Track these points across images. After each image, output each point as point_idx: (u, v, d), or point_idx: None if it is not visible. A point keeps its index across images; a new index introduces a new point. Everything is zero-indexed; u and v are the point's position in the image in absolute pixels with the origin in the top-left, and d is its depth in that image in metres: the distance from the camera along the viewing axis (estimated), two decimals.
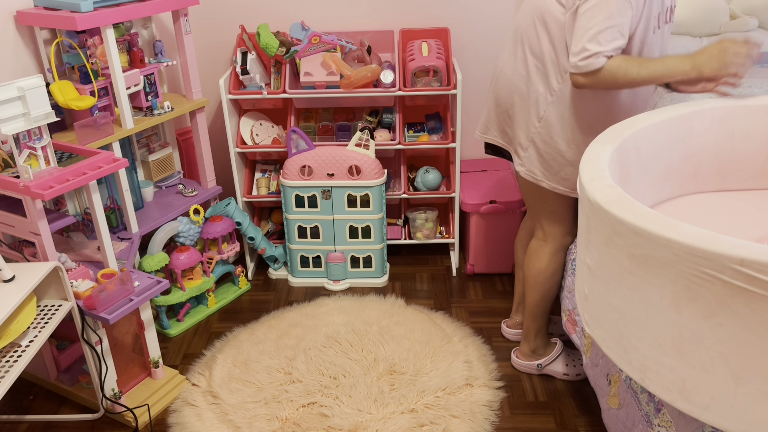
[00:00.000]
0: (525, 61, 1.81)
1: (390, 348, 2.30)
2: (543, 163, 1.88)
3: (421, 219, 2.85)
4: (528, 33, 1.79)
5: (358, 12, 2.80)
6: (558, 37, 1.72)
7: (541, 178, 1.90)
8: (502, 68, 1.91)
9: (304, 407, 2.06)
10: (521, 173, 1.93)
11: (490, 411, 2.05)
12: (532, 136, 1.86)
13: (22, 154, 1.80)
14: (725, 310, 1.03)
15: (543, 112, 1.81)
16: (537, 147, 1.86)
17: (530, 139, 1.86)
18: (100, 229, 2.02)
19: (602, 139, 1.48)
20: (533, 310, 2.11)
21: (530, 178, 1.92)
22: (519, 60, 1.83)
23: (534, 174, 1.90)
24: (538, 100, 1.81)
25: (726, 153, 1.69)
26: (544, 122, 1.82)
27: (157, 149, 2.67)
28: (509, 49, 1.88)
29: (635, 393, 1.53)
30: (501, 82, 1.91)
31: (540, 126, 1.83)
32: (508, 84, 1.88)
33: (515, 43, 1.85)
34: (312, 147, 2.61)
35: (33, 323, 1.78)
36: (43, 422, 2.08)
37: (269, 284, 2.84)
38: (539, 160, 1.88)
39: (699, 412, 1.13)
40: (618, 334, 1.26)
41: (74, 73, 2.30)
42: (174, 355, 2.40)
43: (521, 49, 1.82)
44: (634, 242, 1.13)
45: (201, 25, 2.81)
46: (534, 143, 1.86)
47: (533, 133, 1.85)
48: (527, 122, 1.85)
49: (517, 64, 1.84)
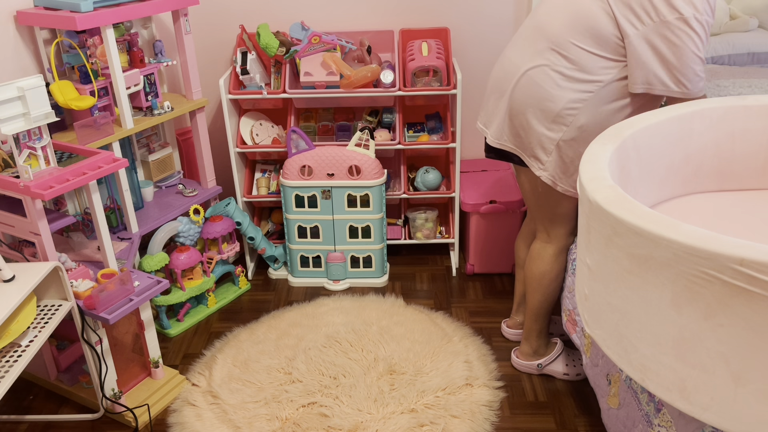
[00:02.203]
0: (556, 67, 1.75)
1: (390, 348, 2.30)
2: (563, 168, 1.84)
3: (421, 219, 2.85)
4: (562, 38, 1.74)
5: (358, 12, 2.79)
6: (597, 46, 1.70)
7: (559, 182, 1.87)
8: (525, 72, 1.81)
9: (304, 407, 2.06)
10: (543, 177, 1.88)
11: (490, 411, 2.05)
12: (559, 141, 1.81)
13: (22, 154, 1.80)
14: (725, 310, 1.03)
15: (573, 118, 1.77)
16: (561, 151, 1.82)
17: (556, 144, 1.81)
18: (100, 229, 2.02)
19: (602, 139, 1.48)
20: (536, 311, 2.11)
21: (551, 182, 1.88)
22: (549, 66, 1.76)
23: (554, 179, 1.87)
24: (569, 104, 1.75)
25: (726, 153, 1.69)
26: (574, 127, 1.77)
27: (157, 149, 2.67)
28: (532, 53, 1.80)
29: (635, 393, 1.53)
30: (523, 88, 1.82)
31: (569, 131, 1.78)
32: (532, 89, 1.80)
33: (541, 46, 1.78)
34: (312, 147, 2.61)
35: (33, 323, 1.78)
36: (43, 422, 2.08)
37: (269, 284, 2.84)
38: (560, 165, 1.84)
39: (699, 412, 1.13)
40: (618, 334, 1.26)
41: (74, 73, 2.30)
42: (174, 355, 2.40)
43: (555, 55, 1.75)
44: (634, 242, 1.13)
45: (201, 25, 2.81)
46: (559, 148, 1.82)
47: (560, 138, 1.80)
48: (553, 128, 1.80)
49: (545, 70, 1.77)
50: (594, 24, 1.69)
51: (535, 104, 1.80)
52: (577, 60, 1.73)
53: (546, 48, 1.77)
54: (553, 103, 1.77)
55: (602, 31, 1.69)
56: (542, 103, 1.79)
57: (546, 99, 1.78)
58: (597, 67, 1.72)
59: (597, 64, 1.72)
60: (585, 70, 1.73)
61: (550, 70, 1.76)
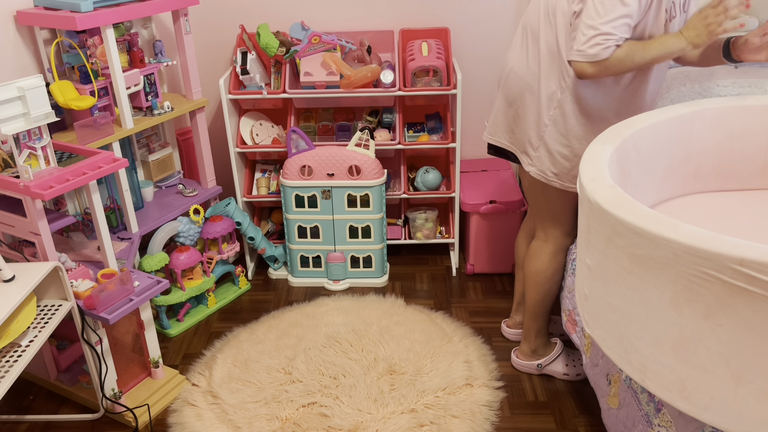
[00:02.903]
0: (537, 58, 1.79)
1: (390, 348, 2.30)
2: (554, 163, 1.86)
3: (421, 219, 2.85)
4: (537, 28, 1.78)
5: (358, 12, 2.80)
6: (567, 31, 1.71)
7: (552, 178, 1.88)
8: (512, 66, 1.89)
9: (304, 407, 2.06)
10: (531, 173, 1.91)
11: (490, 411, 2.05)
12: (543, 134, 1.84)
13: (22, 154, 1.80)
14: (725, 310, 1.03)
15: (555, 110, 1.79)
16: (548, 146, 1.84)
17: (541, 137, 1.84)
18: (100, 229, 2.02)
19: (602, 139, 1.48)
20: (534, 310, 2.12)
21: (541, 178, 1.89)
22: (531, 57, 1.82)
23: (545, 174, 1.88)
24: (550, 97, 1.79)
25: (726, 153, 1.69)
26: (556, 120, 1.80)
27: (157, 149, 2.67)
28: (518, 47, 1.87)
29: (635, 393, 1.53)
30: (511, 81, 1.89)
31: (551, 124, 1.81)
32: (518, 82, 1.86)
33: (524, 40, 1.84)
34: (312, 147, 2.61)
35: (33, 323, 1.78)
36: (43, 422, 2.08)
37: (269, 284, 2.84)
38: (550, 160, 1.86)
39: (699, 412, 1.13)
40: (618, 334, 1.26)
41: (74, 73, 2.30)
42: (174, 355, 2.40)
43: (533, 46, 1.81)
44: (634, 242, 1.13)
45: (201, 25, 2.81)
46: (545, 142, 1.84)
47: (544, 131, 1.83)
48: (538, 120, 1.83)
49: (529, 61, 1.82)
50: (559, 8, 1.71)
51: (523, 97, 1.86)
52: (552, 48, 1.75)
53: (530, 42, 1.82)
54: (536, 94, 1.82)
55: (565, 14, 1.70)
56: (527, 95, 1.84)
57: (530, 91, 1.83)
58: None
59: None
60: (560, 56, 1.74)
61: (533, 62, 1.81)
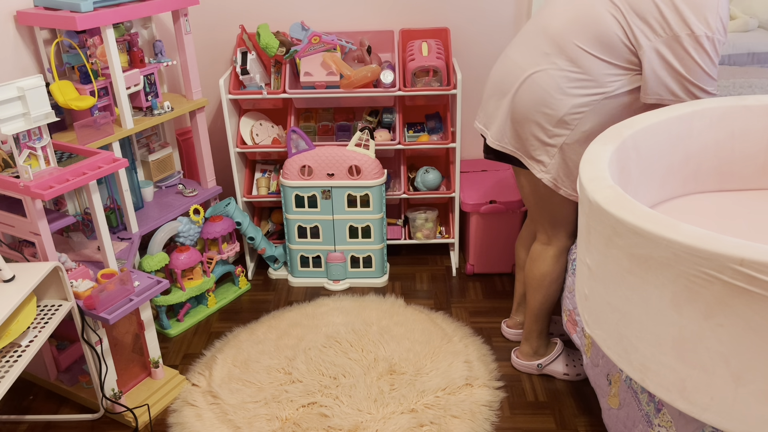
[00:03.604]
0: (563, 71, 1.72)
1: (390, 348, 2.30)
2: (566, 171, 1.83)
3: (421, 219, 2.85)
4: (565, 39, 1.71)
5: (358, 12, 2.79)
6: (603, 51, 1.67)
7: (561, 185, 1.86)
8: (529, 76, 1.78)
9: (304, 407, 2.06)
10: (544, 180, 1.86)
11: (490, 411, 2.05)
12: (563, 144, 1.79)
13: (22, 154, 1.80)
14: (725, 310, 1.03)
15: (578, 121, 1.75)
16: (565, 154, 1.81)
17: (560, 146, 1.80)
18: (100, 229, 2.02)
19: (602, 139, 1.48)
20: (536, 312, 2.11)
21: (553, 185, 1.87)
22: (556, 69, 1.73)
23: (556, 181, 1.86)
24: (574, 109, 1.74)
25: (726, 153, 1.69)
26: (579, 131, 1.76)
27: (157, 149, 2.67)
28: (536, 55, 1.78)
29: (635, 393, 1.53)
30: (526, 91, 1.79)
31: (572, 134, 1.77)
32: (536, 93, 1.77)
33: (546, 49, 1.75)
34: (312, 147, 2.61)
35: (33, 323, 1.78)
36: (43, 422, 2.08)
37: (269, 284, 2.84)
38: (563, 168, 1.83)
39: (699, 412, 1.13)
40: (618, 335, 1.26)
41: (74, 73, 2.30)
42: (174, 355, 2.40)
43: (562, 59, 1.72)
44: (634, 242, 1.13)
45: (201, 25, 2.81)
46: (563, 151, 1.80)
47: (564, 141, 1.79)
48: (557, 132, 1.78)
49: (553, 73, 1.74)
50: (600, 28, 1.66)
51: (540, 108, 1.78)
52: (582, 63, 1.70)
53: (550, 51, 1.74)
54: (557, 107, 1.75)
55: (610, 37, 1.65)
56: (547, 107, 1.76)
57: (550, 103, 1.75)
58: (603, 74, 1.69)
59: (603, 71, 1.69)
60: (590, 74, 1.70)
61: (556, 75, 1.73)
